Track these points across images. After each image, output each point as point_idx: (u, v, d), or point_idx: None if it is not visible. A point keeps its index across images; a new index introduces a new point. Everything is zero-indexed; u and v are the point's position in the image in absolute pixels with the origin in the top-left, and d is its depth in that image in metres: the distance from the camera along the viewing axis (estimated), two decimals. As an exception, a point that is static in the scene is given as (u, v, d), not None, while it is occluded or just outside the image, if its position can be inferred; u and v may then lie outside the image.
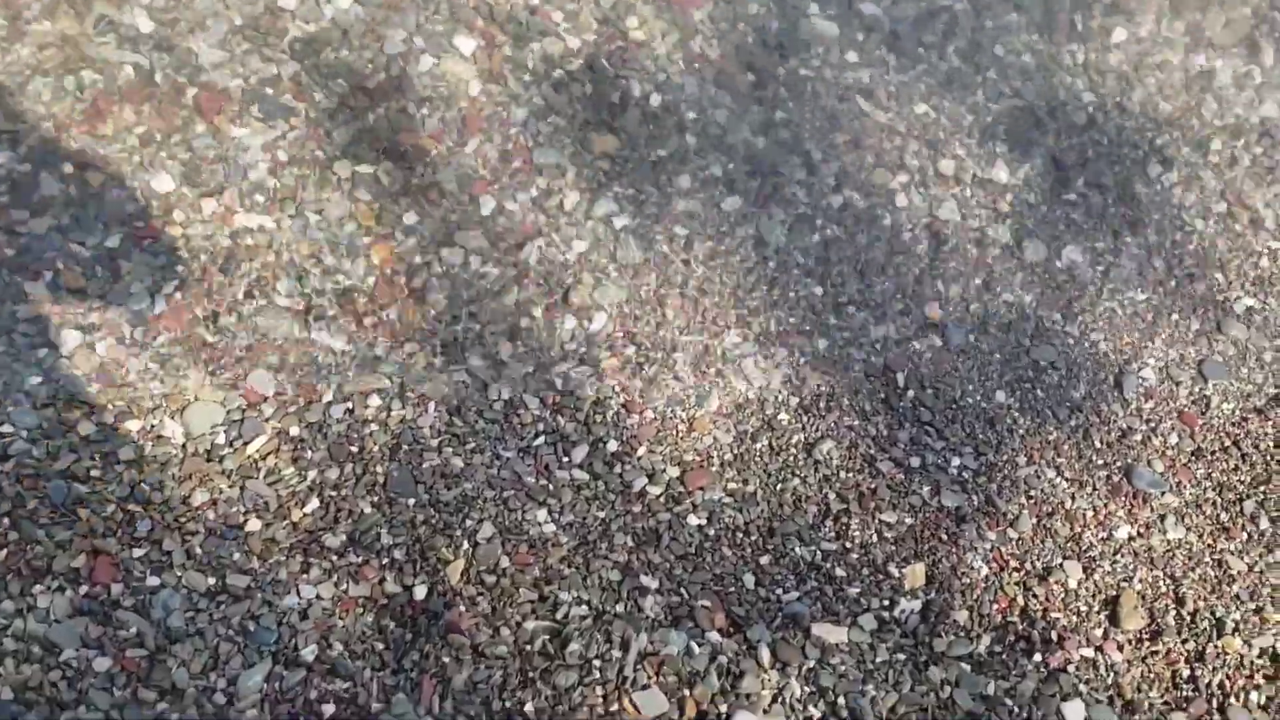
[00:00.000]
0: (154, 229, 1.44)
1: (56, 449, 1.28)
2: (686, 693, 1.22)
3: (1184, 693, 1.31)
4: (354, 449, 1.36)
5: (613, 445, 1.40)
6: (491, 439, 1.38)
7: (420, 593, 1.25)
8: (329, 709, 1.15)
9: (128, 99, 1.49)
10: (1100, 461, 1.48)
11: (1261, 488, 1.48)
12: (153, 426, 1.32)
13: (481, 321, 1.46)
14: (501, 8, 1.64)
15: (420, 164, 1.53)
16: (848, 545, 1.36)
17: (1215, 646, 1.34)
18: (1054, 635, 1.33)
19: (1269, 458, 1.52)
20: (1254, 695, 1.31)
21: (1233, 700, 1.30)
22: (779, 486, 1.40)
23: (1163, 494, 1.46)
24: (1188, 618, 1.37)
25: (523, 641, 1.23)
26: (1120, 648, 1.34)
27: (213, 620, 1.21)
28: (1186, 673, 1.32)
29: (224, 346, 1.39)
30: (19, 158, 1.44)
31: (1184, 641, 1.35)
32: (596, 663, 1.22)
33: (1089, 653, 1.33)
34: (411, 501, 1.32)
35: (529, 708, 1.19)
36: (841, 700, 1.24)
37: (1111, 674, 1.31)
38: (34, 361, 1.33)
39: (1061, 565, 1.39)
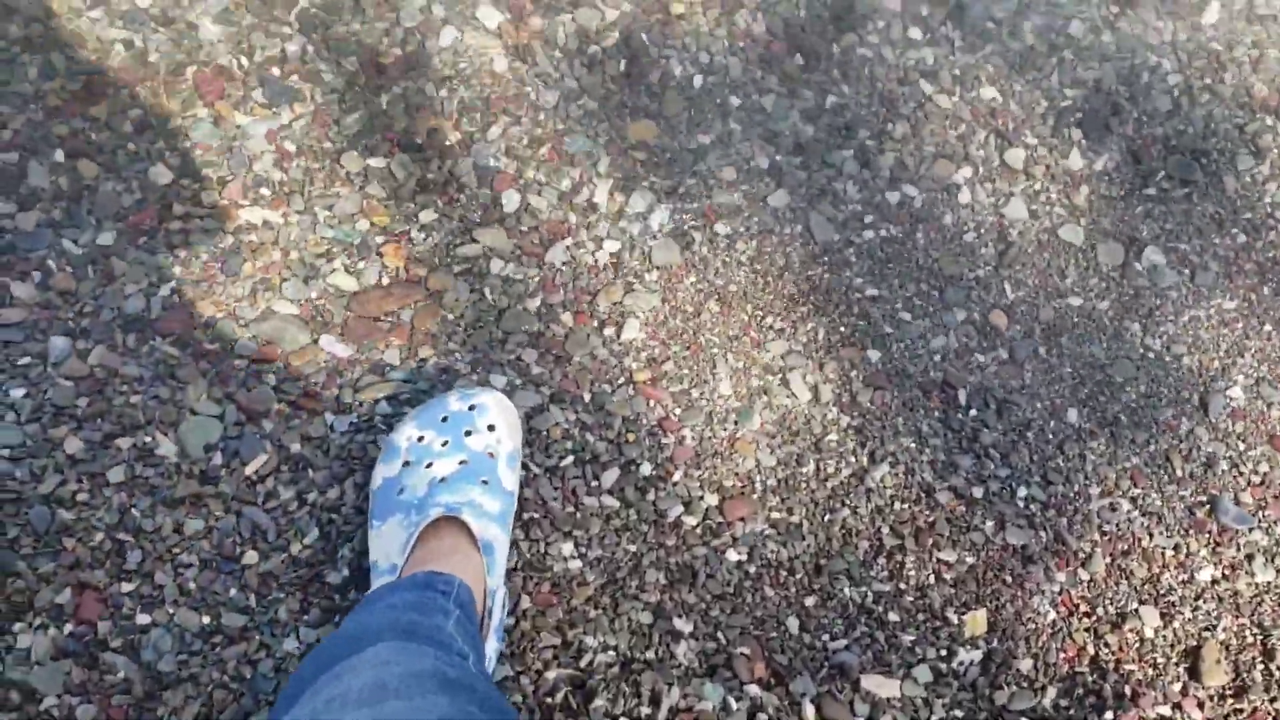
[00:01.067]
0: (151, 225, 1.32)
1: (41, 469, 1.18)
2: (722, 753, 1.11)
3: (1272, 757, 1.19)
4: (357, 462, 1.25)
5: (646, 468, 1.28)
6: (513, 459, 1.27)
7: (433, 636, 1.14)
8: (330, 770, 1.05)
9: (121, 81, 1.37)
10: (1182, 493, 1.34)
11: (1360, 523, 1.34)
12: (146, 444, 1.21)
13: (504, 329, 1.33)
14: (530, -24, 1.50)
15: (437, 155, 1.40)
16: (902, 586, 1.24)
17: (1308, 706, 1.22)
18: (1127, 689, 1.21)
19: (1368, 488, 1.38)
20: (1350, 762, 1.19)
21: (1326, 767, 1.18)
22: (827, 518, 1.28)
23: (1250, 530, 1.32)
24: (1277, 673, 1.24)
25: (543, 693, 1.13)
26: (1200, 705, 1.21)
27: (207, 664, 1.11)
28: (1275, 735, 1.20)
29: (223, 354, 1.27)
30: (5, 144, 1.32)
31: (1272, 700, 1.22)
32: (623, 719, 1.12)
33: (1165, 710, 1.20)
34: (425, 531, 1.20)
35: (549, 770, 1.08)
36: (893, 762, 1.13)
37: (1192, 735, 1.19)
38: (19, 371, 1.23)
39: (1137, 611, 1.26)
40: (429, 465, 1.15)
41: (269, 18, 1.41)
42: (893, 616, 1.23)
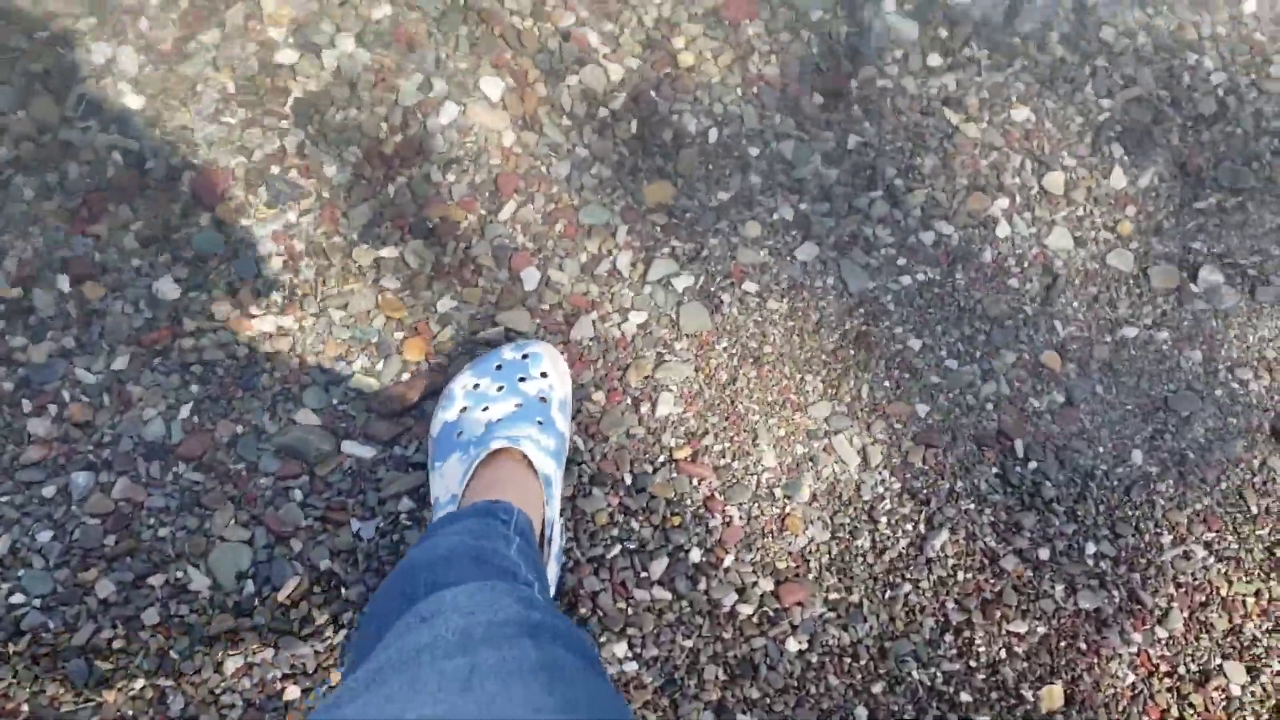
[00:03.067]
0: (164, 344, 1.28)
1: (75, 617, 1.14)
2: None
3: (1380, 816, 1.12)
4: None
5: (696, 554, 1.23)
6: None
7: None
8: None
9: (120, 193, 1.33)
10: (1259, 532, 1.27)
11: None
12: (178, 579, 1.18)
13: (534, 416, 1.28)
14: (530, 34, 1.43)
15: (451, 239, 1.34)
16: (972, 664, 1.18)
17: None
18: (1220, 753, 1.15)
19: None
20: None
21: None
22: (888, 594, 1.22)
23: (1337, 567, 1.25)
24: (1379, 724, 1.17)
25: (608, 814, 1.08)
26: (1300, 764, 1.15)
27: (261, 812, 1.08)
28: (1381, 791, 1.14)
29: (248, 474, 1.24)
30: (10, 276, 1.29)
31: (1376, 753, 1.16)
32: (694, 836, 1.07)
33: (1263, 772, 1.15)
34: (471, 646, 1.16)
35: None
36: None
37: (1292, 800, 1.13)
38: (44, 512, 1.20)
39: (1221, 667, 1.20)
40: (485, 409, 1.17)
41: (262, 111, 1.36)
42: (965, 697, 1.17)
